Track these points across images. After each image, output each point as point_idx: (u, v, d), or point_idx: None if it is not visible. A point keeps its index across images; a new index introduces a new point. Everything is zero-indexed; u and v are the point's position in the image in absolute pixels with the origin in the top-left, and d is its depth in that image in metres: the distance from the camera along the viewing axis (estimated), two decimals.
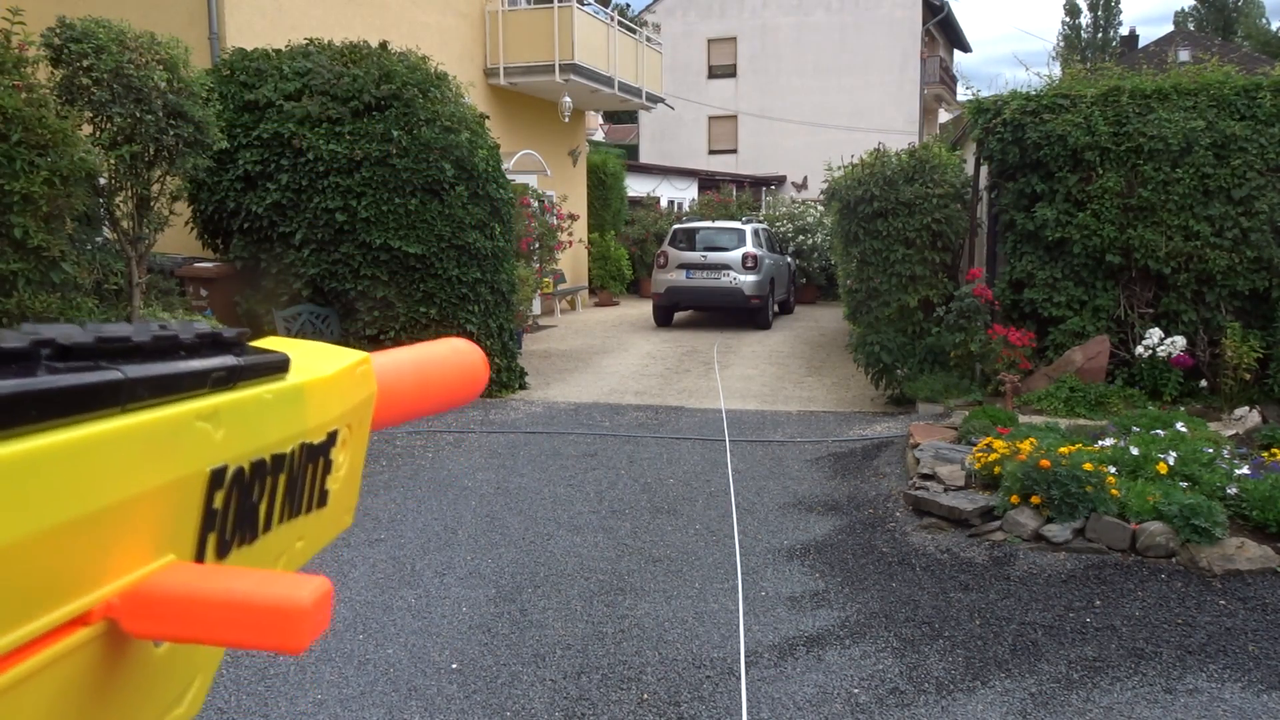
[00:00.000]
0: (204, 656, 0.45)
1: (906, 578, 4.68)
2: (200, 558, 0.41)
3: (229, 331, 0.43)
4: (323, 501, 0.52)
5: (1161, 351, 7.80)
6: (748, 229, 15.33)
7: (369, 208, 8.71)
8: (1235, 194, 7.74)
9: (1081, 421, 7.11)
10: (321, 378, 0.50)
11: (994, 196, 8.90)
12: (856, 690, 3.58)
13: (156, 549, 0.38)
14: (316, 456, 0.50)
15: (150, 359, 0.38)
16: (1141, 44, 32.80)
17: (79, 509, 0.33)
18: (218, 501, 0.41)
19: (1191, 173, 7.81)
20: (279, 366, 0.46)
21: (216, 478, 0.40)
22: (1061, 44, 53.36)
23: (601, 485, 6.28)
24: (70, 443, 0.32)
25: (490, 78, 15.29)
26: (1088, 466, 5.07)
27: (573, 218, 16.23)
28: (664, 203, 23.84)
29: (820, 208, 17.61)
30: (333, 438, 0.51)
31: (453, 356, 0.68)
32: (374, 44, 9.33)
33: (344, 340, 8.78)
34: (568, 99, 16.06)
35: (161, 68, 6.91)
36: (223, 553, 0.43)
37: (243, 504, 0.43)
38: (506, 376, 9.42)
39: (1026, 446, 5.53)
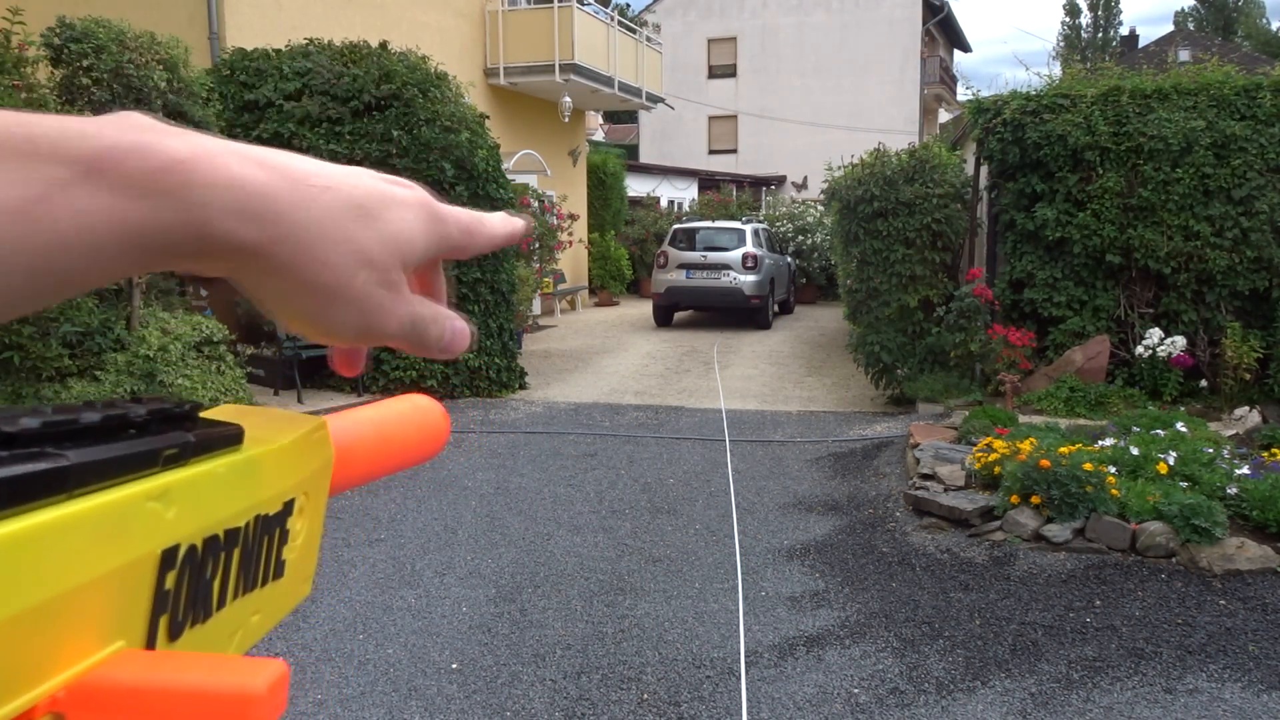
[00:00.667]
0: None
1: (906, 578, 4.68)
2: (152, 642, 0.39)
3: (180, 406, 0.42)
4: (279, 573, 0.50)
5: (1161, 351, 7.80)
6: (748, 229, 15.34)
7: None
8: (1235, 194, 7.75)
9: (1081, 421, 7.10)
10: (276, 447, 0.48)
11: (994, 196, 8.90)
12: (856, 690, 3.58)
13: (105, 636, 0.36)
14: (272, 527, 0.48)
15: (99, 440, 0.36)
16: (1141, 44, 32.81)
17: (21, 603, 0.31)
18: (169, 582, 0.39)
19: (1191, 173, 7.81)
20: (232, 439, 0.45)
21: (168, 558, 0.39)
22: (1061, 44, 53.37)
23: (601, 485, 6.28)
24: (12, 535, 0.31)
25: (490, 78, 15.29)
26: (1088, 466, 5.07)
27: (573, 218, 16.24)
28: (664, 203, 23.84)
29: (820, 208, 17.61)
30: (289, 507, 0.50)
31: (413, 414, 0.67)
32: (374, 44, 9.33)
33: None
34: (568, 99, 16.06)
35: (161, 68, 6.91)
36: (175, 635, 0.41)
37: (195, 583, 0.42)
38: (506, 376, 9.42)
39: (1026, 446, 5.53)
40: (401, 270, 0.40)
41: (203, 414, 0.45)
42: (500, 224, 0.45)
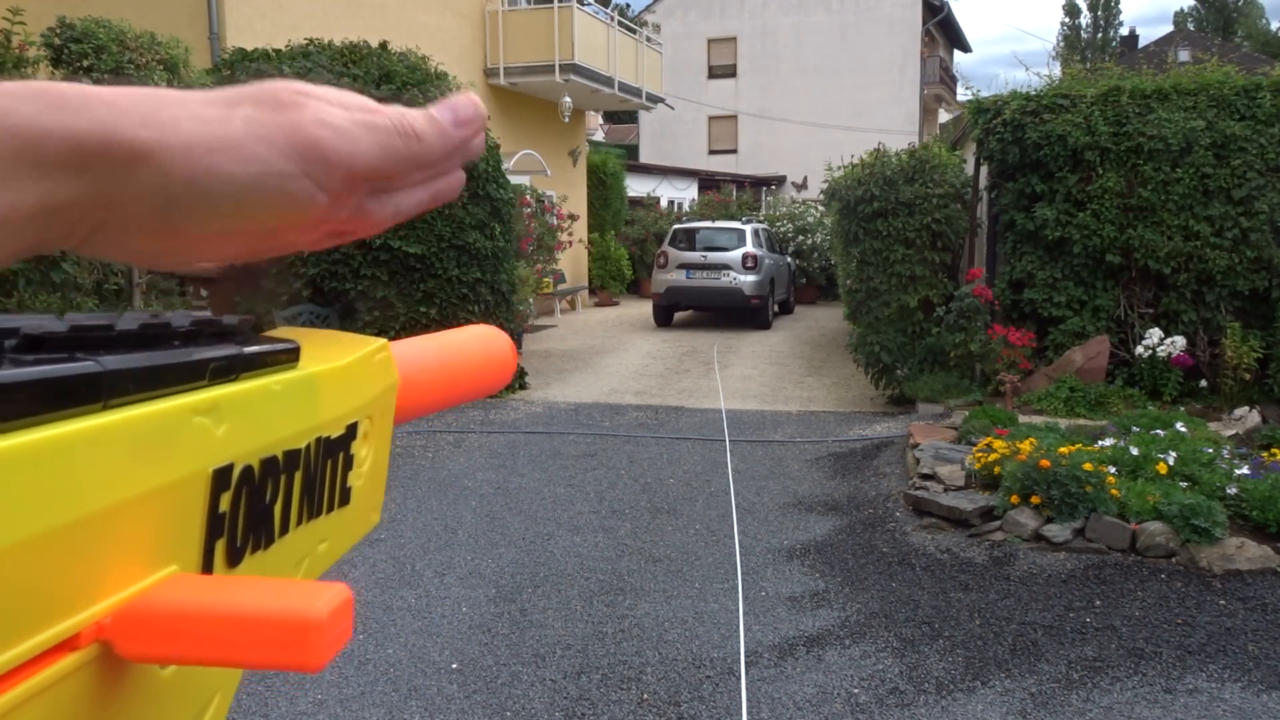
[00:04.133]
0: (221, 676, 0.41)
1: (906, 578, 4.69)
2: (208, 568, 0.37)
3: (230, 319, 0.40)
4: (345, 500, 0.48)
5: (1161, 351, 7.81)
6: (748, 229, 15.34)
7: None
8: (1235, 194, 7.75)
9: (1081, 421, 7.10)
10: (336, 367, 0.45)
11: (994, 196, 8.90)
12: (856, 690, 3.58)
13: (155, 560, 0.34)
14: (335, 451, 0.46)
15: (136, 348, 0.34)
16: (1141, 44, 32.80)
17: (55, 519, 0.29)
18: (224, 504, 0.37)
19: (1191, 173, 7.81)
20: (288, 356, 0.42)
21: (221, 478, 0.36)
22: (1061, 44, 53.37)
23: (601, 485, 6.28)
24: (41, 444, 0.28)
25: (490, 78, 15.29)
26: (1088, 466, 5.07)
27: (573, 218, 16.24)
28: (664, 203, 23.85)
29: (820, 208, 17.61)
30: (352, 431, 0.47)
31: (478, 343, 0.64)
32: (374, 44, 9.33)
33: None
34: (568, 99, 16.06)
35: (162, 68, 6.92)
36: (234, 561, 0.38)
37: (254, 506, 0.39)
38: None
39: (1026, 446, 5.53)
40: (328, 166, 0.36)
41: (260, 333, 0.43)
42: (448, 113, 0.41)
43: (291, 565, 0.44)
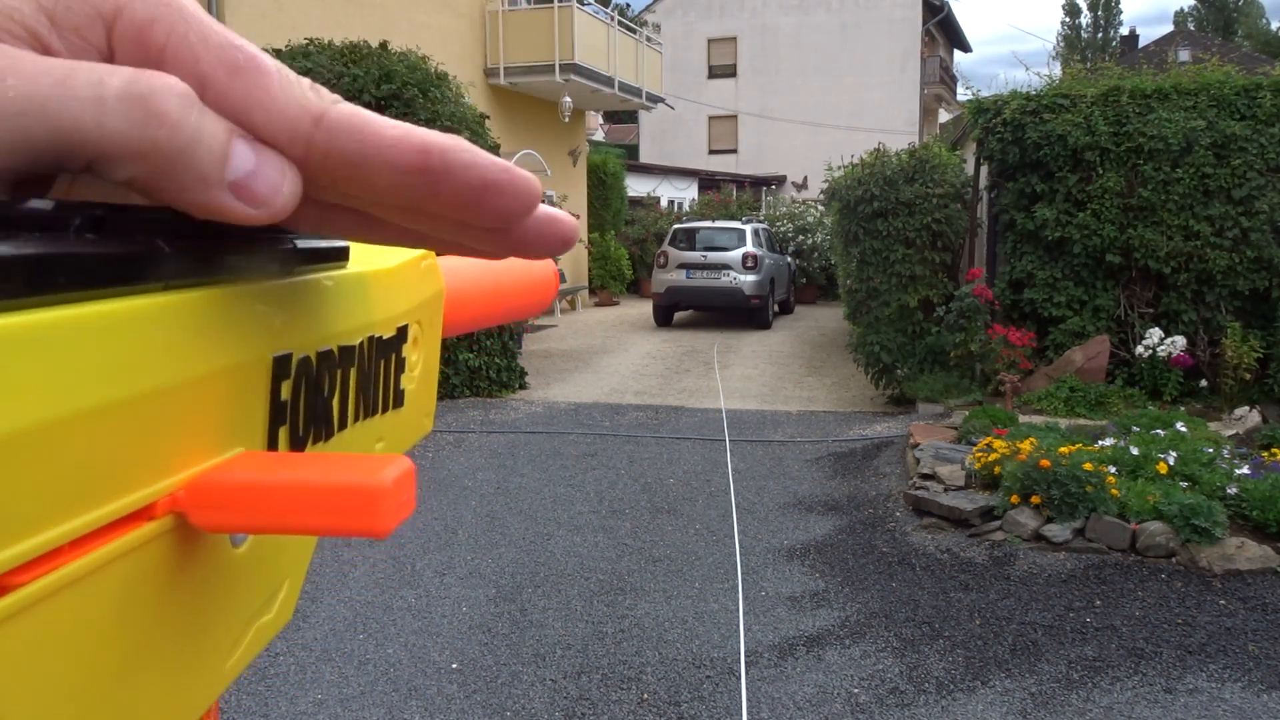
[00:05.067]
0: (290, 559, 0.43)
1: (906, 578, 4.69)
2: (273, 451, 0.39)
3: None
4: (399, 401, 0.50)
5: (1161, 351, 7.81)
6: (748, 229, 15.34)
7: None
8: (1235, 194, 7.75)
9: (1081, 421, 7.11)
10: (384, 268, 0.47)
11: (994, 196, 8.90)
12: (856, 690, 3.58)
13: (223, 441, 0.36)
14: (388, 352, 0.48)
15: (194, 236, 0.35)
16: (1141, 44, 32.82)
17: (122, 390, 0.30)
18: (285, 392, 0.39)
19: (1191, 173, 7.81)
20: (338, 254, 0.44)
21: (281, 365, 0.38)
22: (1061, 44, 53.39)
23: (601, 485, 6.28)
24: (106, 316, 0.29)
25: (490, 78, 15.29)
26: (1088, 466, 5.08)
27: (573, 218, 16.22)
28: (664, 203, 23.85)
29: (820, 208, 17.61)
30: (403, 333, 0.49)
31: (521, 263, 0.66)
32: (374, 44, 9.34)
33: None
34: (568, 99, 16.06)
35: None
36: (297, 448, 0.41)
37: (313, 397, 0.41)
38: (506, 376, 9.42)
39: (1026, 446, 5.53)
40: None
41: None
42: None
43: None
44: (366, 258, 0.48)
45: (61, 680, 0.29)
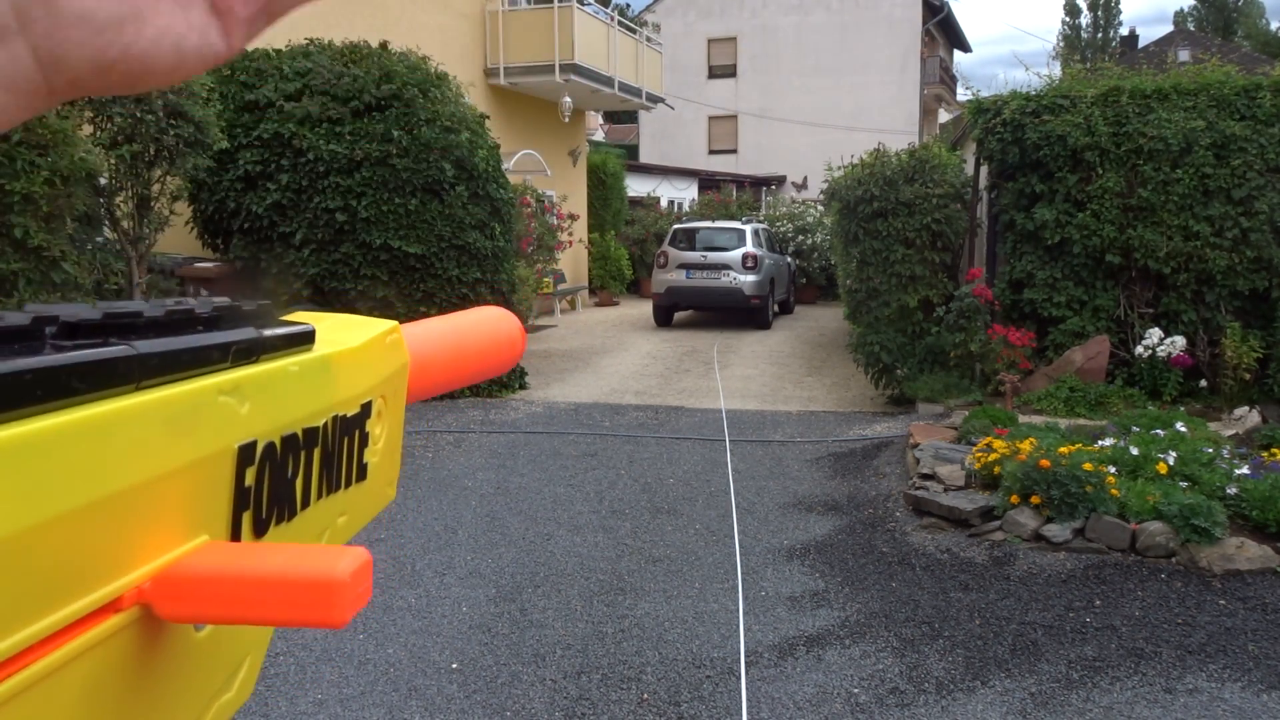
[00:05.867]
0: (251, 638, 0.43)
1: (906, 578, 4.69)
2: (235, 538, 0.40)
3: (249, 304, 0.42)
4: (362, 475, 0.50)
5: (1161, 351, 7.80)
6: (748, 229, 15.34)
7: (369, 208, 8.71)
8: (1235, 194, 7.75)
9: (1081, 421, 7.10)
10: (350, 348, 0.48)
11: (994, 196, 8.90)
12: (856, 690, 3.58)
13: (188, 530, 0.36)
14: (352, 429, 0.48)
15: (164, 333, 0.36)
16: (1141, 44, 32.81)
17: (96, 492, 0.31)
18: (249, 478, 0.39)
19: (1191, 173, 7.81)
20: (304, 338, 0.44)
21: (246, 454, 0.39)
22: (1061, 44, 53.37)
23: (601, 485, 6.28)
24: (81, 423, 0.30)
25: (490, 78, 15.29)
26: (1088, 466, 5.07)
27: (573, 218, 16.24)
28: (664, 203, 23.85)
29: (820, 208, 17.61)
30: (367, 409, 0.50)
31: (487, 325, 0.66)
32: (374, 44, 9.33)
33: None
34: (568, 99, 16.06)
35: None
36: (260, 532, 0.41)
37: (277, 480, 0.41)
38: (506, 376, 9.42)
39: (1026, 446, 5.53)
40: None
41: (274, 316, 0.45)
42: None
43: (313, 537, 0.46)
44: (332, 337, 0.48)
45: None
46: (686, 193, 25.42)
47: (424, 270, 8.86)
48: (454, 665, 3.78)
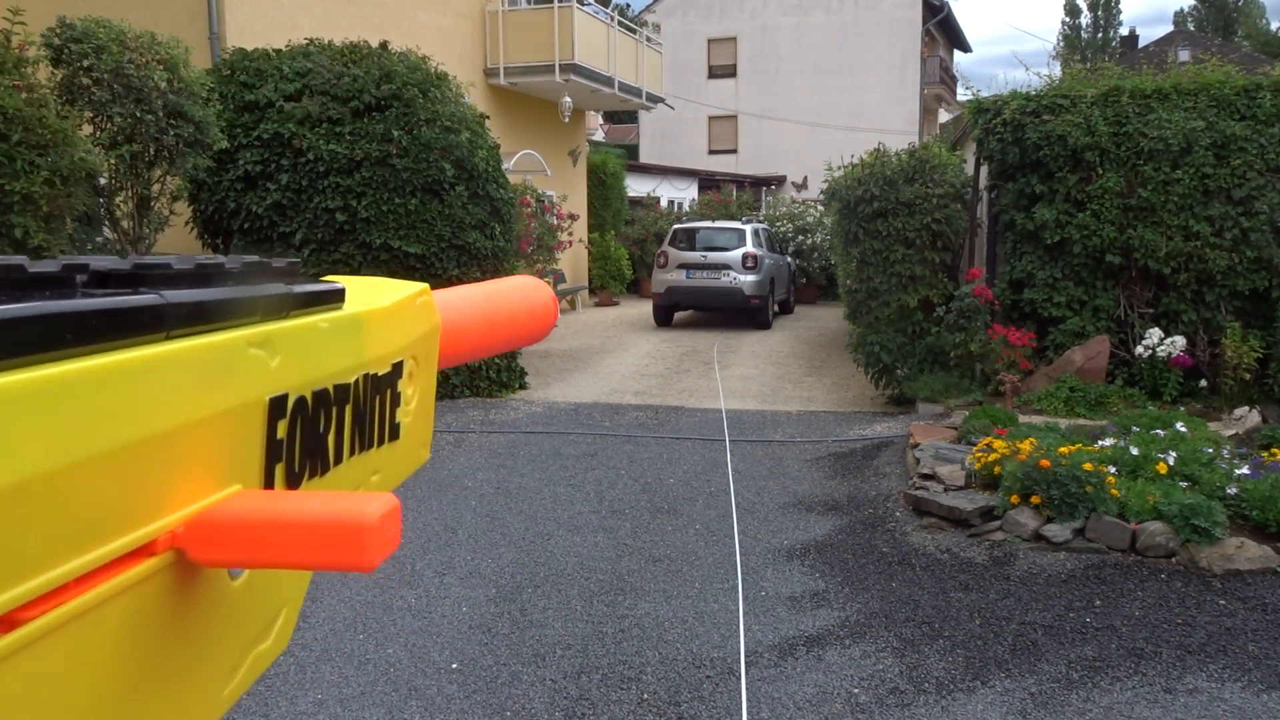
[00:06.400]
0: (287, 589, 0.44)
1: (906, 578, 4.68)
2: (269, 489, 0.40)
3: (279, 261, 0.43)
4: (395, 435, 0.51)
5: (1161, 351, 7.80)
6: (748, 229, 15.34)
7: (369, 208, 8.71)
8: (1235, 194, 7.74)
9: (1081, 421, 7.10)
10: (380, 308, 0.49)
11: (994, 196, 8.90)
12: (856, 690, 3.58)
13: (221, 479, 0.37)
14: (383, 388, 0.49)
15: (194, 285, 0.36)
16: (1141, 44, 32.81)
17: (127, 436, 0.32)
18: (281, 431, 0.40)
19: (1191, 173, 7.81)
20: (334, 296, 0.45)
21: (277, 406, 0.40)
22: (1061, 44, 53.37)
23: (601, 485, 6.28)
24: (112, 368, 0.31)
25: (490, 78, 15.29)
26: (1088, 466, 5.07)
27: (573, 218, 16.23)
28: (664, 203, 23.85)
29: (820, 208, 17.61)
30: (398, 369, 0.50)
31: (519, 293, 0.67)
32: (374, 44, 9.33)
33: None
34: (568, 99, 16.06)
35: (161, 68, 6.91)
36: (293, 484, 0.42)
37: (309, 434, 0.42)
38: (506, 376, 9.42)
39: (1026, 446, 5.53)
40: None
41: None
42: None
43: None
44: (363, 297, 0.49)
45: (68, 708, 0.30)
46: (686, 193, 25.42)
47: (424, 270, 8.85)
48: (454, 665, 3.78)
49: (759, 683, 3.63)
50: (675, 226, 16.22)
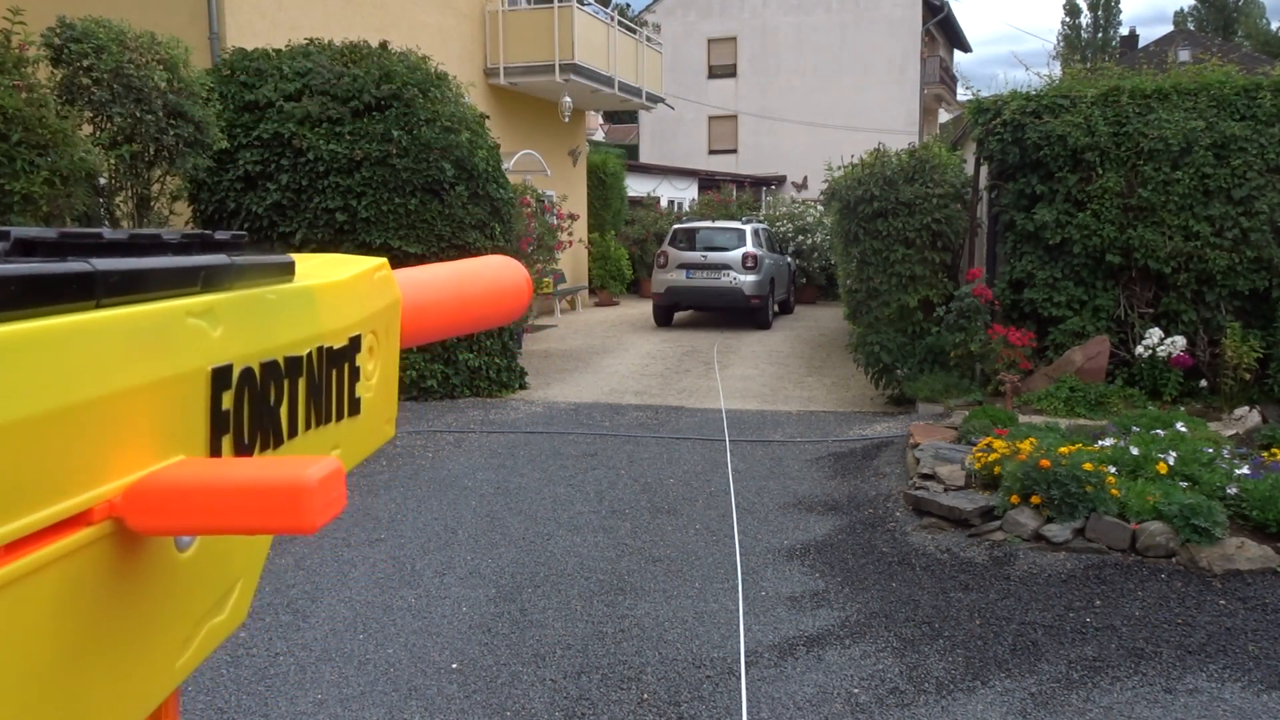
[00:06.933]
0: (241, 561, 0.43)
1: (906, 578, 4.68)
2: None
3: (223, 234, 0.42)
4: (355, 409, 0.51)
5: (1161, 351, 7.80)
6: (748, 229, 15.34)
7: (369, 208, 8.71)
8: (1235, 194, 7.74)
9: (1081, 421, 7.10)
10: (333, 281, 0.48)
11: (994, 196, 8.90)
12: (856, 690, 3.58)
13: (162, 449, 0.37)
14: (340, 361, 0.49)
15: (126, 255, 0.36)
16: (1141, 44, 32.82)
17: (53, 402, 0.31)
18: (226, 401, 0.40)
19: (1191, 173, 7.81)
20: (282, 269, 0.45)
21: (220, 377, 0.39)
22: (1061, 44, 53.37)
23: (601, 485, 6.28)
24: (35, 334, 0.30)
25: (490, 78, 15.29)
26: (1088, 466, 5.07)
27: (573, 218, 16.24)
28: (664, 203, 23.85)
29: (820, 208, 17.61)
30: (356, 343, 0.50)
31: (490, 271, 0.66)
32: (374, 44, 9.33)
33: None
34: (568, 99, 16.06)
35: (161, 68, 6.91)
36: (242, 456, 0.41)
37: (257, 406, 0.42)
38: (506, 376, 9.42)
39: (1026, 446, 5.53)
40: None
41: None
42: None
43: None
44: (317, 271, 0.48)
45: (4, 672, 0.29)
46: (686, 193, 25.42)
47: None
48: (454, 665, 3.78)
49: (759, 683, 3.63)
50: (675, 226, 16.22)
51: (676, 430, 7.90)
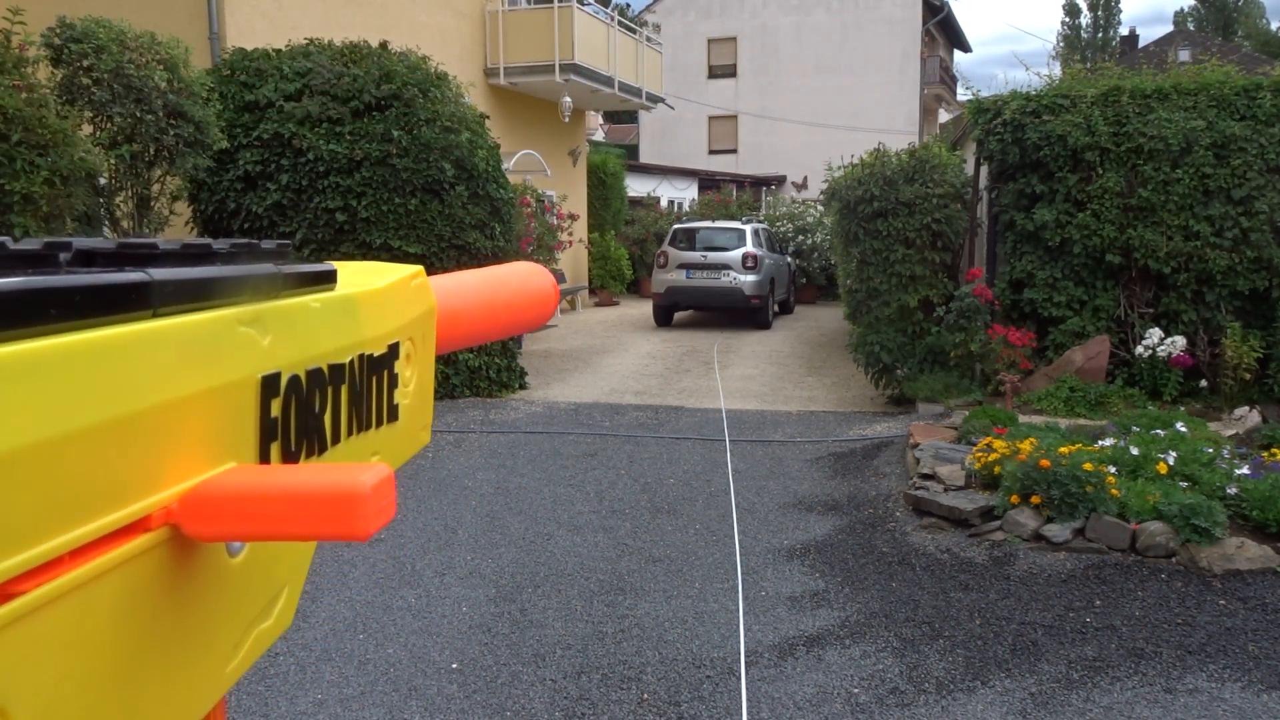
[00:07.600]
0: (288, 567, 0.44)
1: (906, 578, 4.68)
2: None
3: (268, 242, 0.43)
4: (394, 416, 0.51)
5: (1161, 351, 7.80)
6: (748, 229, 15.34)
7: (369, 208, 8.71)
8: (1235, 194, 7.74)
9: (1081, 421, 7.10)
10: (373, 289, 0.49)
11: (994, 196, 8.90)
12: (856, 690, 3.58)
13: (216, 456, 0.37)
14: (380, 369, 0.49)
15: (179, 264, 0.36)
16: (1141, 44, 32.82)
17: (113, 410, 0.32)
18: (275, 409, 0.40)
19: (1191, 173, 7.81)
20: (325, 277, 0.45)
21: (270, 384, 0.40)
22: (1061, 44, 53.37)
23: (601, 485, 6.28)
24: (96, 344, 0.31)
25: (490, 78, 15.29)
26: (1088, 466, 5.07)
27: (573, 218, 16.23)
28: (664, 203, 23.85)
29: (820, 208, 17.61)
30: (394, 350, 0.51)
31: (518, 279, 0.67)
32: (374, 44, 9.33)
33: None
34: (568, 99, 16.06)
35: (162, 68, 6.91)
36: (289, 463, 0.42)
37: (303, 413, 0.42)
38: (506, 376, 9.42)
39: (1026, 446, 5.53)
40: None
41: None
42: None
43: None
44: (356, 279, 0.49)
45: (65, 680, 0.30)
46: (686, 193, 25.42)
47: (424, 270, 8.85)
48: (454, 665, 3.78)
49: (759, 683, 3.63)
50: (675, 226, 16.22)
51: (676, 430, 7.90)
